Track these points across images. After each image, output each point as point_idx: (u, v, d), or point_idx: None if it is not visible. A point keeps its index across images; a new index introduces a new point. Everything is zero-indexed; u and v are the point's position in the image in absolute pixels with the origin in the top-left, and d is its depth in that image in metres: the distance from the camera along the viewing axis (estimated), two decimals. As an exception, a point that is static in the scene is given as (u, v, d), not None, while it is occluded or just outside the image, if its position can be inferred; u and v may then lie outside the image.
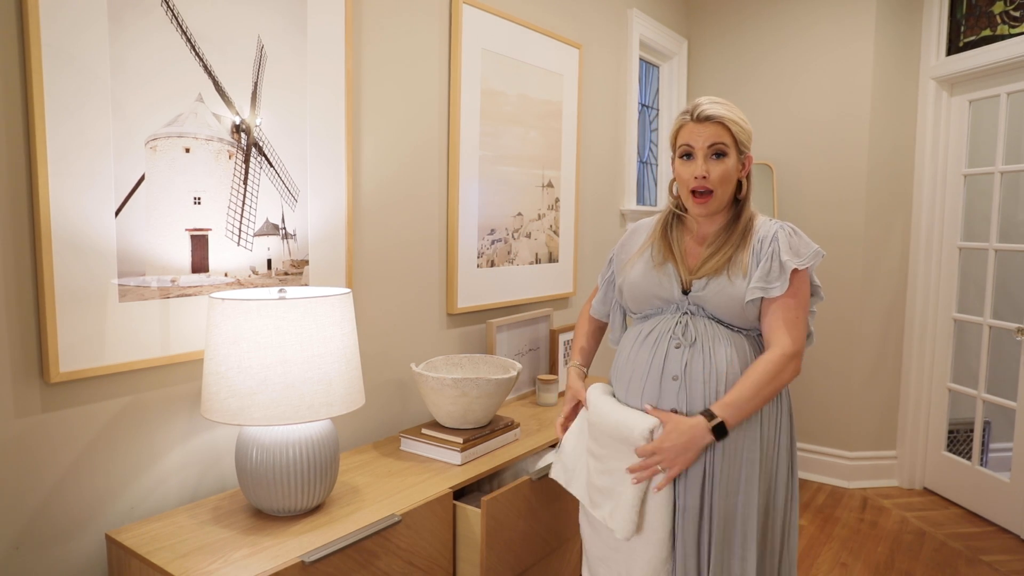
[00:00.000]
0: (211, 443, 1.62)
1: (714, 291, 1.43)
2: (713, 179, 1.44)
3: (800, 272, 1.42)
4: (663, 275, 1.50)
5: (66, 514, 1.38)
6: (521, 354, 2.50)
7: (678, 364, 1.43)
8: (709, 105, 1.44)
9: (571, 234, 2.87)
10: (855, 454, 3.50)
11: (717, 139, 1.43)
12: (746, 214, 1.50)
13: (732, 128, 1.43)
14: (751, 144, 1.50)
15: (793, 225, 1.48)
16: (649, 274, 1.52)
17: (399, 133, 2.05)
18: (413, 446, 1.88)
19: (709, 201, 1.46)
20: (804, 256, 1.43)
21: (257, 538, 1.36)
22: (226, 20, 1.55)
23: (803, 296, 1.43)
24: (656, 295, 1.50)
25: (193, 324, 1.54)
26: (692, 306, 1.47)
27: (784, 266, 1.40)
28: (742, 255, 1.44)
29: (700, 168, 1.43)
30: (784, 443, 1.49)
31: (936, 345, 3.39)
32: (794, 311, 1.41)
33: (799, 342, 1.42)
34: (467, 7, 2.22)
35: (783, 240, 1.43)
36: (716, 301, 1.43)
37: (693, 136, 1.45)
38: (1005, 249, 3.13)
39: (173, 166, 1.48)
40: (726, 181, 1.45)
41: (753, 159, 1.51)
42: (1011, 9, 3.01)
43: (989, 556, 2.77)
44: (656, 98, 3.78)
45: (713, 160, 1.44)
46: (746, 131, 1.47)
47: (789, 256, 1.41)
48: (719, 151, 1.44)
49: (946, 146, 3.33)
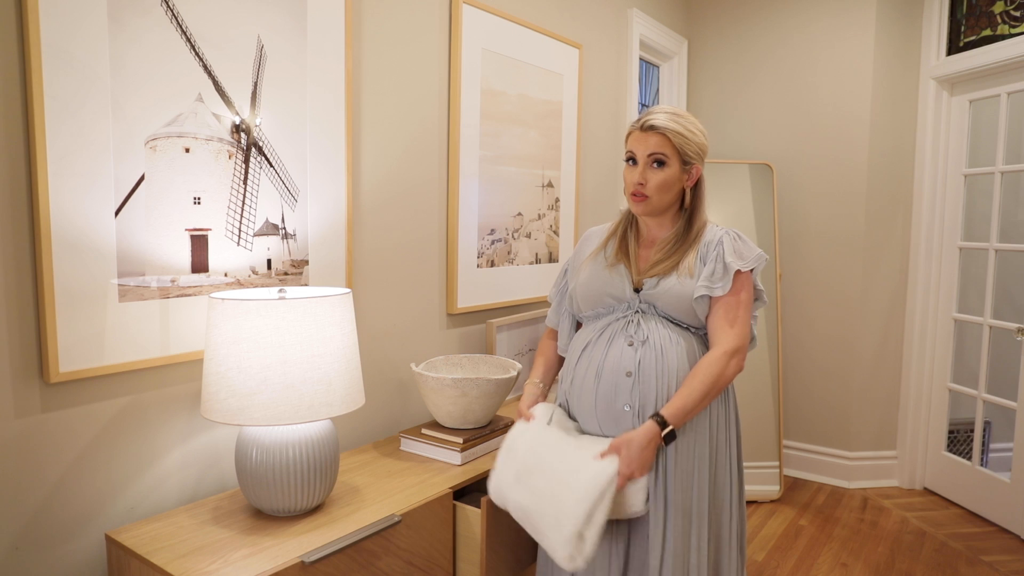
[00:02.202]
0: (211, 443, 1.62)
1: (664, 289, 1.52)
2: (650, 186, 1.52)
3: (743, 274, 1.51)
4: (615, 274, 1.59)
5: (66, 514, 1.38)
6: (521, 354, 2.50)
7: (632, 361, 1.50)
8: (658, 116, 1.53)
9: (571, 234, 2.87)
10: (855, 454, 3.50)
11: (657, 149, 1.51)
12: (698, 223, 1.58)
13: (674, 140, 1.51)
14: (702, 156, 1.56)
15: (739, 231, 1.57)
16: (601, 273, 1.60)
17: (399, 132, 2.05)
18: (413, 446, 1.88)
19: (645, 202, 1.54)
20: (747, 259, 1.51)
21: (257, 538, 1.36)
22: (226, 19, 1.55)
23: (745, 296, 1.52)
24: (608, 292, 1.58)
25: (193, 324, 1.54)
26: (643, 304, 1.55)
27: (728, 267, 1.50)
28: (689, 257, 1.53)
29: (639, 175, 1.53)
30: (732, 439, 1.60)
31: (936, 345, 3.39)
32: (734, 310, 1.50)
33: (740, 338, 1.50)
34: (467, 7, 2.22)
35: (728, 244, 1.53)
36: (667, 299, 1.51)
37: (637, 144, 1.54)
38: (1005, 249, 3.13)
39: (173, 166, 1.48)
40: (663, 189, 1.53)
41: (701, 171, 1.57)
42: (1011, 9, 3.01)
43: (989, 556, 2.77)
44: (656, 98, 3.78)
45: (653, 168, 1.53)
46: (693, 143, 1.53)
47: (733, 258, 1.50)
48: (658, 159, 1.52)
49: (946, 146, 3.33)
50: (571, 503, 1.38)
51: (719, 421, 1.56)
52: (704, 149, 1.56)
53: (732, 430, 1.60)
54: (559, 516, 1.39)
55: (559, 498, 1.40)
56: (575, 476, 1.41)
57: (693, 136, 1.52)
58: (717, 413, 1.56)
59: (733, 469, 1.59)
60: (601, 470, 1.41)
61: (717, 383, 1.47)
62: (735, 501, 1.60)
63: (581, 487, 1.39)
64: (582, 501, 1.38)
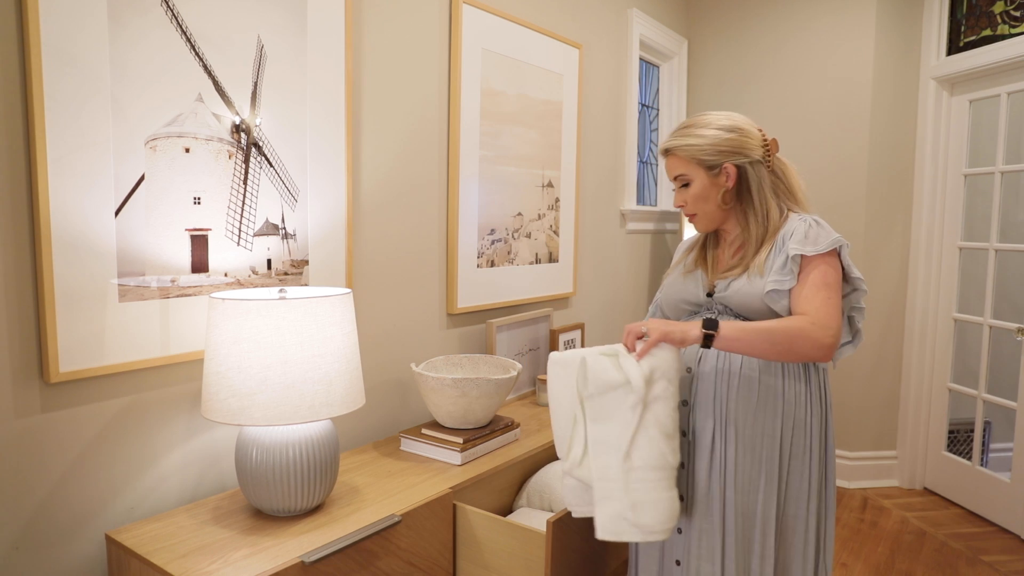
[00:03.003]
0: (211, 443, 1.62)
1: (735, 290, 1.47)
2: (689, 207, 1.54)
3: (811, 258, 1.40)
4: (690, 281, 1.57)
5: (66, 514, 1.37)
6: (521, 354, 2.50)
7: (693, 359, 1.48)
8: (668, 138, 1.54)
9: (571, 234, 2.87)
10: (855, 454, 3.50)
11: (676, 171, 1.54)
12: (759, 218, 1.49)
13: (683, 155, 1.50)
14: (730, 153, 1.47)
15: (818, 217, 1.47)
16: (678, 281, 1.60)
17: (399, 133, 2.05)
18: (413, 446, 1.88)
19: (695, 220, 1.56)
20: (819, 244, 1.40)
21: (257, 538, 1.36)
22: (226, 19, 1.55)
23: (818, 279, 1.39)
24: (683, 299, 1.57)
25: (193, 324, 1.54)
26: (719, 306, 1.50)
27: (792, 257, 1.41)
28: (761, 255, 1.47)
29: (678, 199, 1.56)
30: (813, 447, 1.48)
31: (936, 345, 3.39)
32: (813, 292, 1.38)
33: (824, 316, 1.35)
34: (467, 7, 2.22)
35: (800, 232, 1.43)
36: (738, 299, 1.46)
37: (667, 171, 1.58)
38: (1005, 249, 3.13)
39: (173, 166, 1.48)
40: (700, 201, 1.52)
41: (734, 169, 1.48)
42: (1011, 9, 3.01)
43: (989, 556, 2.77)
44: (656, 98, 3.78)
45: (682, 189, 1.54)
46: (706, 147, 1.47)
47: (798, 245, 1.41)
48: (683, 182, 1.53)
49: (946, 146, 3.33)
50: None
51: (796, 425, 1.45)
52: (730, 144, 1.47)
53: (813, 438, 1.48)
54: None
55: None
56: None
57: (704, 139, 1.47)
58: (794, 417, 1.45)
59: (814, 479, 1.48)
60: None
61: (791, 340, 1.33)
62: (813, 512, 1.48)
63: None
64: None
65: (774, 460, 1.44)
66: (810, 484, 1.47)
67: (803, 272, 1.41)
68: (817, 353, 1.36)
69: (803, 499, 1.47)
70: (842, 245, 1.43)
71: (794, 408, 1.45)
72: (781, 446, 1.45)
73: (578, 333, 2.76)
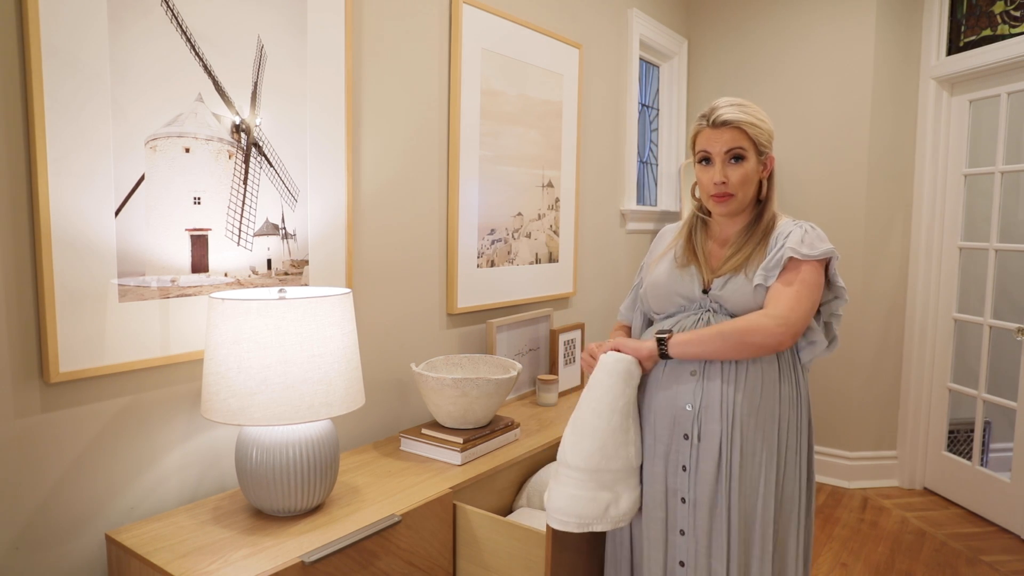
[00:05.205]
0: (211, 443, 1.62)
1: (732, 289, 1.45)
2: (733, 183, 1.45)
3: (799, 261, 1.41)
4: (685, 275, 1.53)
5: (66, 514, 1.38)
6: (521, 354, 2.50)
7: (697, 360, 1.45)
8: (726, 109, 1.45)
9: (571, 234, 2.87)
10: (855, 454, 3.50)
11: (734, 144, 1.44)
12: (768, 215, 1.51)
13: (750, 131, 1.44)
14: (772, 144, 1.50)
15: (813, 224, 1.48)
16: (672, 274, 1.55)
17: (399, 133, 2.05)
18: (413, 446, 1.88)
19: (729, 201, 1.47)
20: (815, 249, 1.42)
21: (257, 538, 1.36)
22: (226, 20, 1.55)
23: (798, 279, 1.40)
24: (678, 292, 1.53)
25: (193, 324, 1.54)
26: (714, 304, 1.48)
27: (783, 256, 1.42)
28: (759, 254, 1.46)
29: (719, 174, 1.45)
30: (803, 448, 1.50)
31: (936, 345, 3.39)
32: (786, 288, 1.40)
33: (787, 310, 1.38)
34: (467, 7, 2.22)
35: (796, 235, 1.44)
36: (734, 299, 1.45)
37: (711, 142, 1.46)
38: (1005, 249, 3.13)
39: (173, 166, 1.48)
40: (746, 183, 1.46)
41: (775, 159, 1.51)
42: (1011, 9, 3.01)
43: (989, 556, 2.77)
44: (656, 98, 3.78)
45: (731, 164, 1.46)
46: (765, 132, 1.47)
47: (795, 247, 1.42)
48: (737, 155, 1.45)
49: (946, 146, 3.32)
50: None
51: (790, 427, 1.47)
52: (773, 136, 1.49)
53: (803, 439, 1.51)
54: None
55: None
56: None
57: (764, 124, 1.47)
58: (788, 419, 1.46)
59: (802, 480, 1.50)
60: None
61: (741, 334, 1.37)
62: (803, 514, 1.50)
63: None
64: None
65: (772, 462, 1.44)
66: (799, 484, 1.49)
67: (785, 271, 1.42)
68: (769, 341, 1.37)
69: (795, 499, 1.48)
70: (833, 256, 1.45)
71: (788, 410, 1.47)
72: (778, 448, 1.45)
73: (578, 333, 2.76)
